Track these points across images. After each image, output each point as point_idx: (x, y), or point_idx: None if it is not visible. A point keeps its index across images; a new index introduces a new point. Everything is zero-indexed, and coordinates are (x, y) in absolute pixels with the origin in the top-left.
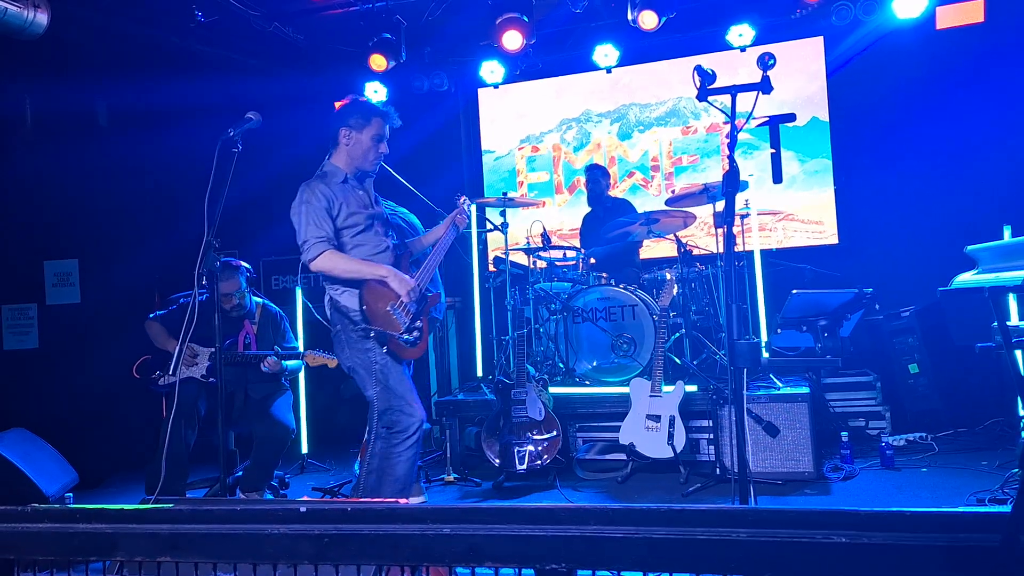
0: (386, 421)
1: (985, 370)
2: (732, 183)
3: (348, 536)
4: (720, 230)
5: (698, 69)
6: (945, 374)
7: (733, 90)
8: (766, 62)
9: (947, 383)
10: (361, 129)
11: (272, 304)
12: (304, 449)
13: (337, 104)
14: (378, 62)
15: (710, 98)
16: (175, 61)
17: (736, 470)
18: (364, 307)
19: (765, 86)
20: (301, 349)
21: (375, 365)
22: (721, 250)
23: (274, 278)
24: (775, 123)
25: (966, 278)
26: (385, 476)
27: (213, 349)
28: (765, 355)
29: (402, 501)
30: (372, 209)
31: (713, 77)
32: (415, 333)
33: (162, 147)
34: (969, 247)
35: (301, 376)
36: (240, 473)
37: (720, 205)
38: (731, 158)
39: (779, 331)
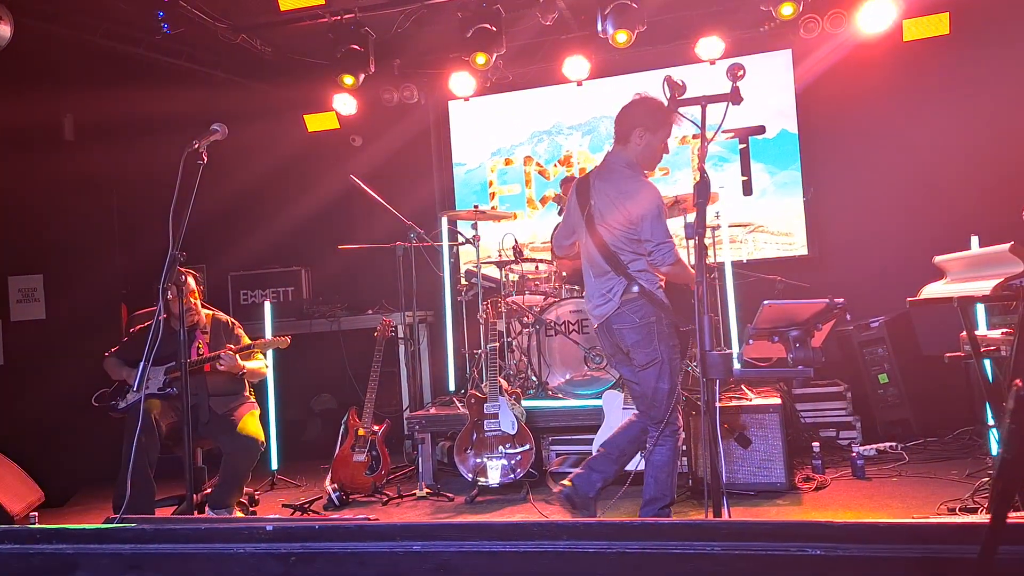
0: (661, 416)
1: (953, 380)
2: (703, 194)
3: (316, 554)
4: (691, 241)
5: (667, 80)
6: (914, 384)
7: (703, 101)
8: (736, 73)
9: (916, 393)
10: (655, 131)
11: (220, 312)
12: (274, 465)
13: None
14: (347, 74)
15: (680, 109)
16: (142, 74)
17: (709, 482)
18: (672, 306)
19: (735, 97)
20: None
21: (675, 362)
22: (692, 261)
23: (243, 292)
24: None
25: (935, 288)
26: (674, 470)
27: (167, 365)
28: (737, 366)
29: (372, 518)
30: None
31: (683, 88)
32: None
33: (128, 161)
34: (937, 258)
35: (270, 390)
36: (208, 490)
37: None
38: (702, 169)
39: (751, 342)
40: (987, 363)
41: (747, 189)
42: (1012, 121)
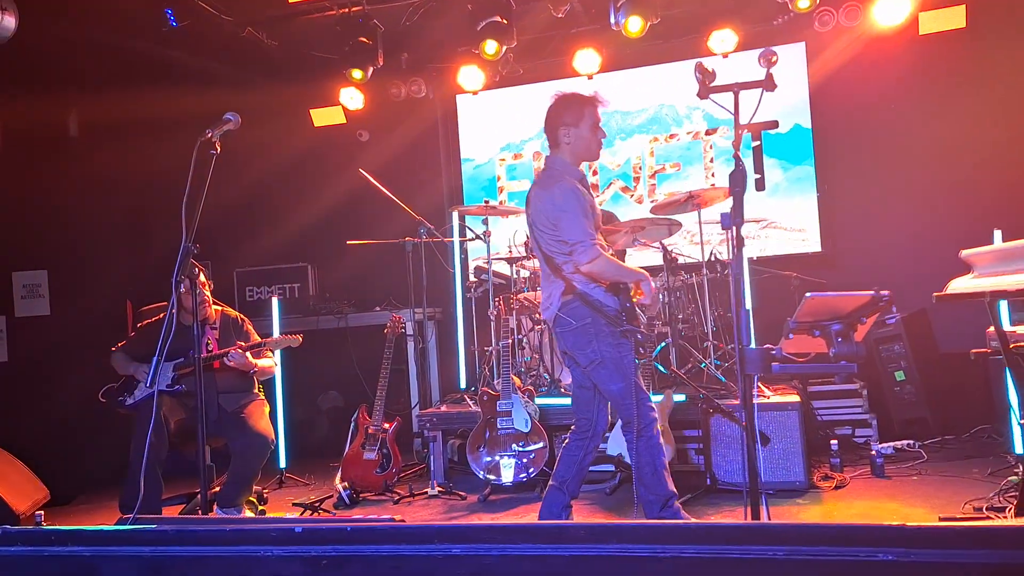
0: (627, 416)
1: (970, 377)
2: (739, 182)
3: (348, 557)
4: (727, 231)
5: (698, 67)
6: (931, 382)
7: (736, 88)
8: (769, 59)
9: (933, 391)
10: (578, 123)
11: (230, 308)
12: (282, 463)
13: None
14: (355, 68)
15: (712, 96)
16: (147, 70)
17: (748, 481)
18: (627, 305)
19: (769, 84)
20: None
21: (625, 360)
22: (705, 258)
23: (248, 289)
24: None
25: (963, 283)
26: (658, 466)
27: (175, 362)
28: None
29: (398, 519)
30: (599, 210)
31: (714, 75)
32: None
33: (134, 157)
34: (964, 251)
35: (278, 387)
36: (217, 488)
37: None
38: (737, 157)
39: (790, 336)
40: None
41: (760, 185)
42: None
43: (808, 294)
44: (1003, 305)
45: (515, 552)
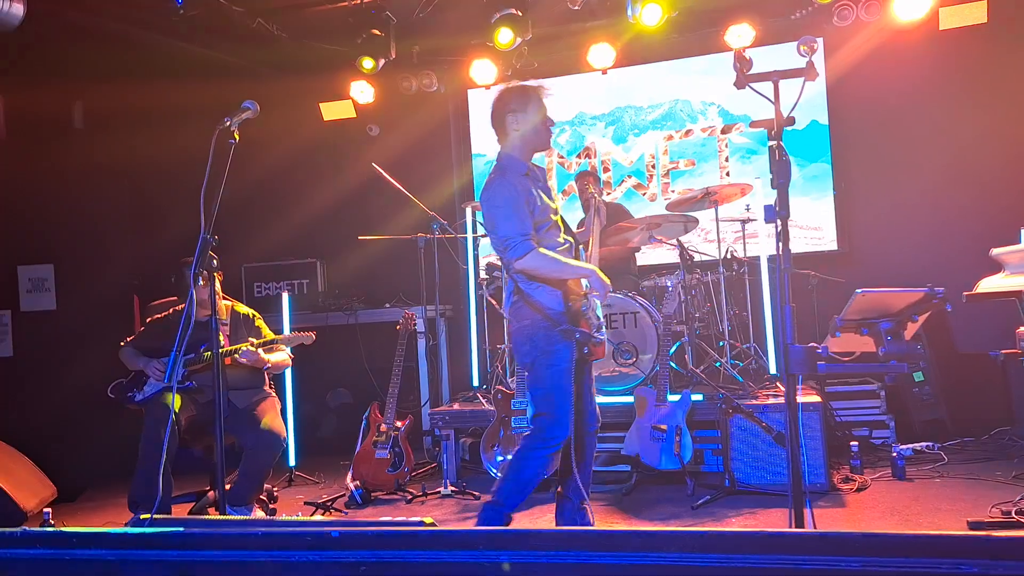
0: (538, 423)
1: (989, 378)
2: (784, 173)
3: (388, 563)
4: (772, 224)
5: (737, 55)
6: (950, 382)
7: (775, 76)
8: (811, 46)
9: (952, 392)
10: (526, 109)
11: (240, 304)
12: (291, 461)
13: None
14: (366, 60)
15: (751, 85)
16: (153, 60)
17: (792, 484)
18: (568, 305)
19: (810, 72)
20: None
21: (551, 368)
22: (721, 256)
23: (256, 285)
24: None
25: (995, 282)
26: (511, 472)
27: (185, 357)
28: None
29: (428, 521)
30: (554, 204)
31: (751, 63)
32: (602, 330)
33: (140, 149)
34: (995, 250)
35: (288, 385)
36: (227, 486)
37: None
38: (780, 147)
39: (837, 334)
40: None
41: (775, 183)
42: None
43: (858, 291)
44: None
45: (566, 560)
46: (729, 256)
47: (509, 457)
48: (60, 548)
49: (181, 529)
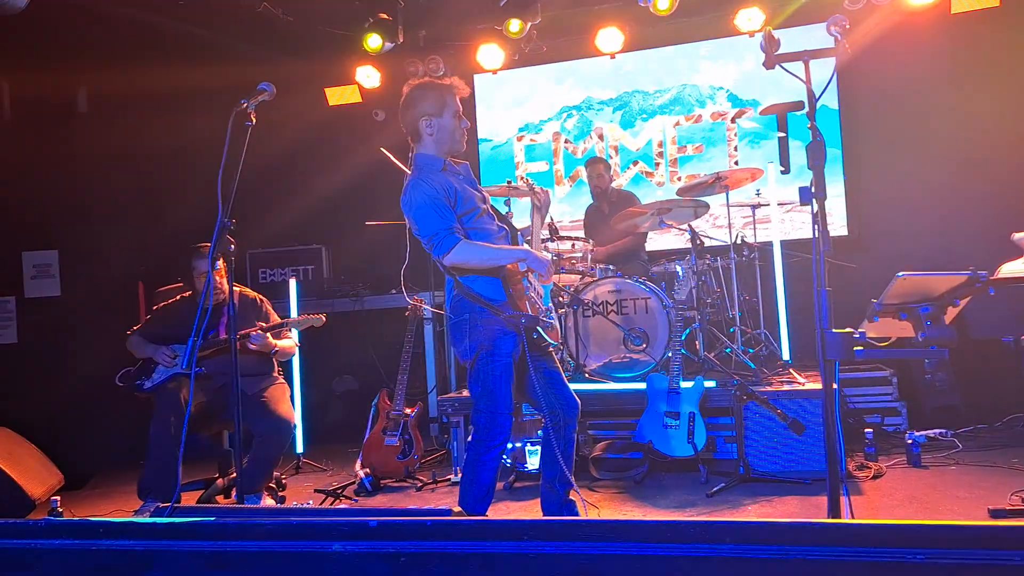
0: (476, 423)
1: (1003, 365)
2: (818, 155)
3: (430, 555)
4: (807, 205)
5: (766, 36)
6: (961, 369)
7: (805, 56)
8: (843, 26)
9: (965, 378)
10: (441, 112)
11: (248, 289)
12: (299, 448)
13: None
14: (374, 42)
15: (782, 65)
16: (158, 44)
17: (829, 471)
18: (509, 292)
19: (840, 51)
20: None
21: (501, 361)
22: (733, 241)
23: (261, 271)
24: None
25: (1017, 266)
26: (470, 483)
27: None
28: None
29: (456, 511)
30: (480, 193)
31: (779, 43)
32: (551, 313)
33: (146, 135)
34: (1017, 234)
35: (295, 371)
36: (234, 474)
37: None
38: (814, 128)
39: (876, 319)
40: None
41: (785, 167)
42: None
43: (899, 274)
44: None
45: (617, 551)
46: (740, 241)
47: (519, 445)
48: (88, 539)
49: (213, 519)
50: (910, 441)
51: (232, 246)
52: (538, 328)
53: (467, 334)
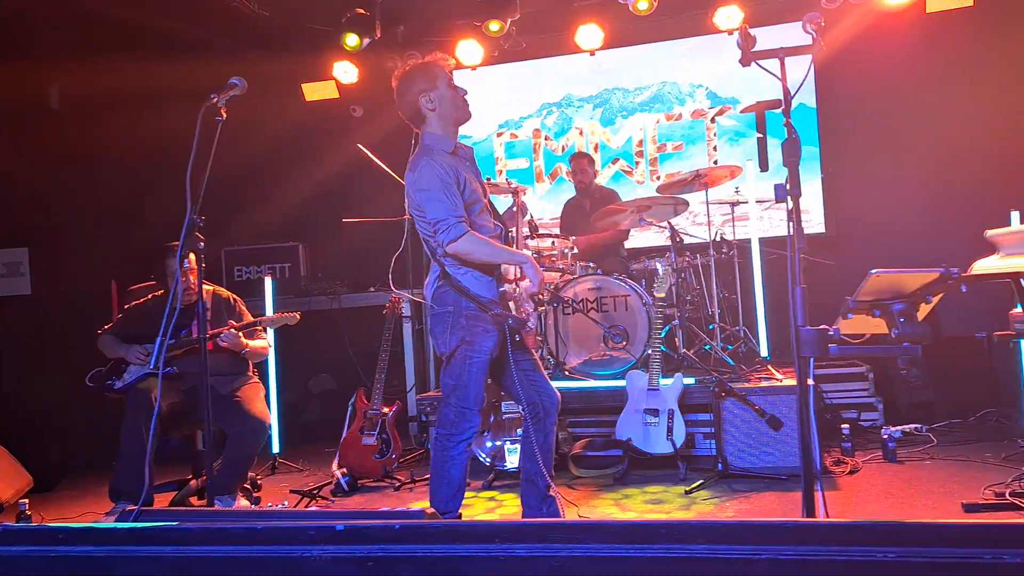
0: (445, 417)
1: (974, 361)
2: (793, 152)
3: (398, 559)
4: (781, 203)
5: (741, 31)
6: (937, 365)
7: (781, 53)
8: (818, 23)
9: (939, 374)
10: (435, 84)
11: (222, 288)
12: (275, 448)
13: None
14: (352, 41)
15: (757, 62)
16: (134, 40)
17: (804, 467)
18: (501, 292)
19: (816, 48)
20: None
21: (468, 358)
22: (712, 238)
23: (237, 269)
24: (761, 110)
25: (990, 263)
26: (441, 478)
27: (168, 343)
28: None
29: (429, 511)
30: (483, 186)
31: (755, 40)
32: (532, 320)
33: (119, 131)
34: (990, 231)
35: (271, 370)
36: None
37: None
38: (789, 126)
39: (849, 316)
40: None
41: (763, 165)
42: None
43: (873, 271)
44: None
45: (589, 553)
46: (719, 239)
47: (499, 443)
48: (45, 545)
49: (176, 524)
50: (886, 436)
51: (201, 243)
52: (519, 332)
53: (449, 326)
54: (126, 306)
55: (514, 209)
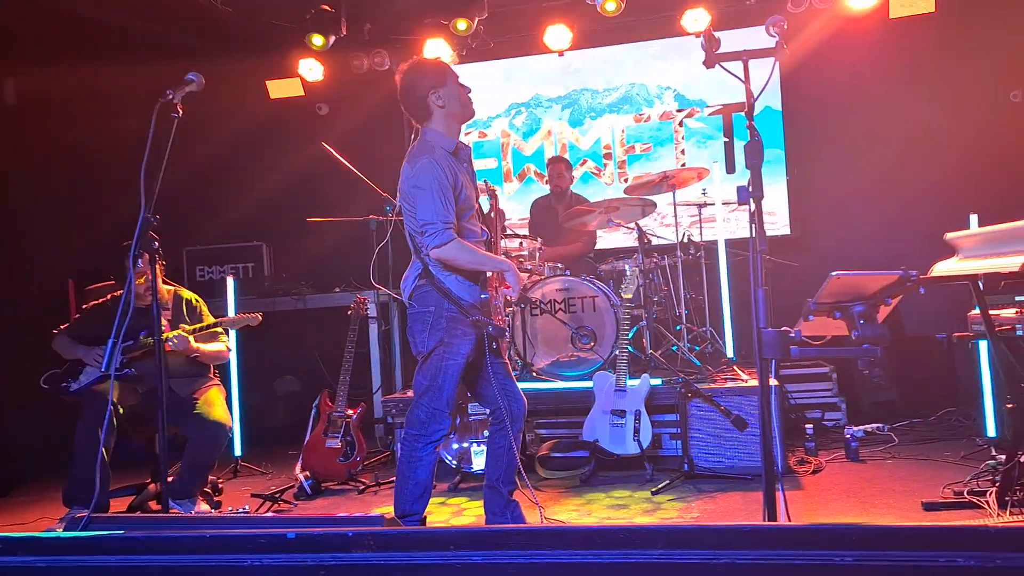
0: (416, 417)
1: (935, 360)
2: (755, 154)
3: (351, 567)
4: (744, 205)
5: (706, 35)
6: (899, 365)
7: (744, 56)
8: (781, 27)
9: (901, 374)
10: (444, 81)
11: (184, 288)
12: (237, 451)
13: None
14: (316, 37)
15: (722, 64)
16: (93, 36)
17: (764, 468)
18: (482, 298)
19: (779, 52)
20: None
21: (444, 360)
22: (679, 240)
23: (199, 269)
24: (728, 112)
25: (950, 266)
26: (407, 479)
27: (124, 344)
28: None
29: (388, 516)
30: (477, 191)
31: (719, 43)
32: (509, 328)
33: (76, 128)
34: (949, 234)
35: (233, 372)
36: (170, 479)
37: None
38: (751, 127)
39: (811, 318)
40: (982, 344)
41: (730, 167)
42: (999, 99)
43: (833, 274)
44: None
45: (544, 559)
46: (686, 240)
47: (465, 445)
48: None
49: (122, 532)
50: (848, 436)
51: (156, 243)
52: (497, 339)
53: (429, 326)
54: (84, 306)
55: (492, 215)
